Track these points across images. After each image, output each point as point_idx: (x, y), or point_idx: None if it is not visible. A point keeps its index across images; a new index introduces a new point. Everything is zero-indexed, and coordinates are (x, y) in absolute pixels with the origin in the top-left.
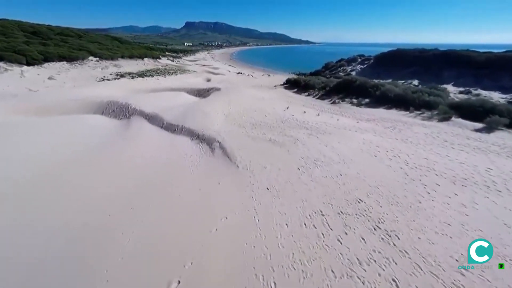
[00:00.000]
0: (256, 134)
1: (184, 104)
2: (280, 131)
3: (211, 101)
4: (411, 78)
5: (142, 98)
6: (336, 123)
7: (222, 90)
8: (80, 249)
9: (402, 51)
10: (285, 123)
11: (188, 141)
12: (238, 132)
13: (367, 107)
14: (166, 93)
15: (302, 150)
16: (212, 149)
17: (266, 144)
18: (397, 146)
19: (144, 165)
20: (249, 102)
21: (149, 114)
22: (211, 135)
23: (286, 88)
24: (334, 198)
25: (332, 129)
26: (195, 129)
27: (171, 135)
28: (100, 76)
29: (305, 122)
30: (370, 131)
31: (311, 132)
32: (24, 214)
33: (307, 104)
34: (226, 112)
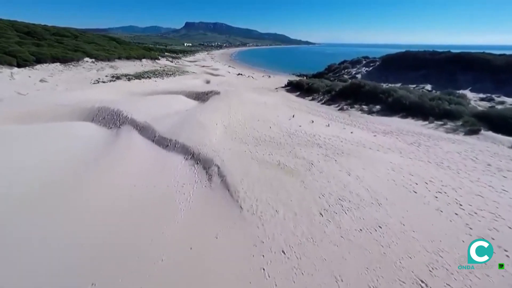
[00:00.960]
0: (261, 155)
1: (180, 111)
2: (289, 150)
3: (209, 108)
4: (423, 82)
5: (136, 104)
6: (351, 138)
7: (222, 94)
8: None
9: (411, 53)
10: (293, 137)
11: (182, 160)
12: (239, 151)
13: (380, 115)
14: (163, 97)
15: (320, 182)
16: (209, 176)
17: (274, 171)
18: (434, 173)
19: (120, 205)
20: (250, 109)
21: (141, 124)
22: (208, 154)
23: (288, 91)
24: (381, 276)
25: (349, 147)
26: (190, 145)
27: (163, 152)
28: (95, 78)
29: (316, 136)
30: (394, 149)
31: (327, 152)
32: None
33: (313, 111)
34: (226, 122)
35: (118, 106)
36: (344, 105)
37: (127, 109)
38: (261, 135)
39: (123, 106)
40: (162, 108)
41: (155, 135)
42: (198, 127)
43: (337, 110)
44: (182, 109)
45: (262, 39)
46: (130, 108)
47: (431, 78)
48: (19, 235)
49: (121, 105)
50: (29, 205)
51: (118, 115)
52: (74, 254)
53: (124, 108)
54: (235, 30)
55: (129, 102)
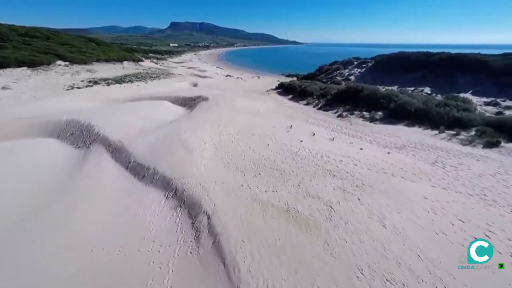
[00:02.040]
0: (263, 193)
1: (163, 125)
2: (297, 182)
3: (196, 120)
4: (421, 85)
5: (112, 115)
6: (364, 158)
7: (210, 100)
8: None
9: (405, 54)
10: (297, 160)
11: (161, 200)
12: (235, 186)
13: (383, 123)
14: (145, 104)
15: (350, 243)
16: (197, 232)
17: (285, 222)
18: (486, 214)
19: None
20: (243, 119)
21: (114, 144)
22: (194, 192)
23: (280, 94)
24: None
25: (368, 174)
26: (172, 176)
27: (138, 186)
28: (69, 83)
29: (323, 156)
30: (419, 174)
31: (343, 184)
32: None
33: (311, 119)
34: (216, 139)
35: (90, 118)
36: (343, 111)
37: (100, 123)
38: (259, 158)
39: (96, 119)
40: (142, 120)
41: (130, 160)
42: (183, 148)
43: (336, 117)
44: (166, 120)
45: (249, 39)
46: (103, 121)
47: (428, 81)
48: None
49: (93, 117)
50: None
51: (88, 131)
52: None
53: (97, 121)
54: (222, 30)
55: (104, 112)
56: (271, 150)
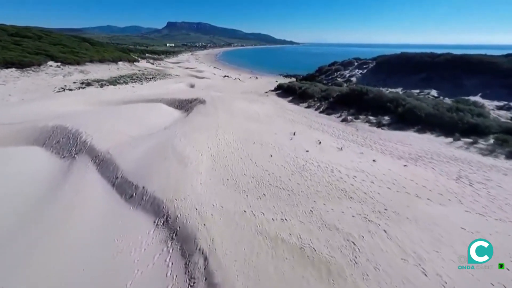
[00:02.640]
0: (271, 224)
1: (157, 131)
2: (309, 206)
3: (192, 126)
4: (426, 87)
5: (102, 120)
6: (379, 173)
7: (208, 103)
8: None
9: (408, 55)
10: (305, 176)
11: (150, 229)
12: (236, 213)
13: (391, 128)
14: (139, 107)
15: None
16: (191, 279)
17: (300, 270)
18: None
19: None
20: (242, 125)
21: (101, 155)
22: (189, 220)
23: (279, 96)
24: None
25: (389, 195)
26: (163, 198)
27: (123, 209)
28: (61, 85)
29: (334, 171)
30: (446, 194)
31: (363, 210)
32: None
33: (314, 124)
34: (214, 149)
35: (78, 124)
36: (347, 115)
37: (89, 130)
38: (263, 173)
39: (85, 125)
40: (134, 125)
41: (118, 175)
42: (177, 161)
43: (340, 121)
44: (160, 125)
45: (247, 39)
46: (93, 127)
47: (433, 83)
48: None
49: (82, 122)
50: None
51: (75, 139)
52: None
53: (86, 127)
54: (219, 30)
55: (95, 117)
56: (275, 162)
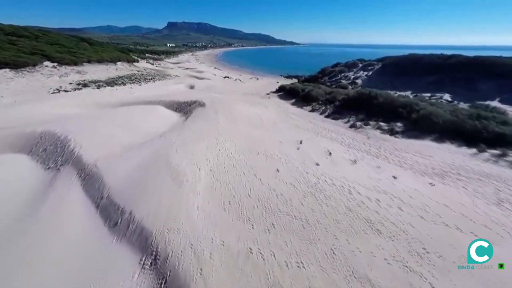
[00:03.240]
0: (285, 274)
1: (151, 139)
2: (329, 244)
3: (190, 134)
4: (438, 91)
5: (94, 125)
6: (404, 194)
7: (207, 107)
8: None
9: (416, 56)
10: (321, 199)
11: (134, 273)
12: (240, 255)
13: (406, 136)
14: (136, 110)
15: None
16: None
17: None
18: None
19: None
20: (244, 132)
21: (88, 168)
22: (182, 266)
23: (281, 98)
24: None
25: (424, 228)
26: (153, 229)
27: (105, 241)
28: (56, 86)
29: (353, 192)
30: (496, 227)
31: (398, 251)
32: None
33: (321, 130)
34: (213, 162)
35: (68, 130)
36: (355, 120)
37: (79, 136)
38: (270, 195)
39: (75, 131)
40: (129, 131)
41: (103, 195)
42: (172, 178)
43: (348, 127)
44: (157, 130)
45: (247, 39)
46: (83, 133)
47: (445, 86)
48: None
49: (73, 128)
50: None
51: (63, 147)
52: None
53: (75, 134)
54: (220, 30)
55: (87, 121)
56: (283, 179)
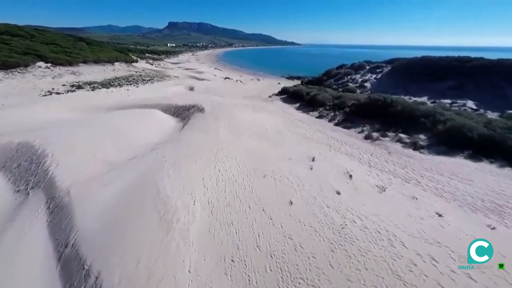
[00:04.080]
0: None
1: (142, 155)
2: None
3: (186, 151)
4: (458, 97)
5: (79, 135)
6: (460, 245)
7: (207, 113)
8: None
9: (431, 59)
10: (354, 258)
11: None
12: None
13: (432, 152)
14: (130, 115)
15: None
16: None
17: None
18: None
19: None
20: (248, 147)
21: (59, 197)
22: None
23: (285, 101)
24: None
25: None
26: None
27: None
28: (48, 88)
29: (395, 244)
30: None
31: None
32: None
33: (334, 143)
34: (212, 191)
35: (48, 142)
36: (370, 130)
37: (58, 151)
38: (285, 246)
39: (56, 142)
40: (117, 144)
41: (68, 241)
42: (158, 217)
43: (363, 138)
44: (150, 141)
45: (248, 39)
46: (64, 146)
47: (467, 92)
48: None
49: (53, 139)
50: None
51: (38, 164)
52: None
53: (55, 146)
54: (221, 31)
55: (71, 130)
56: (299, 218)
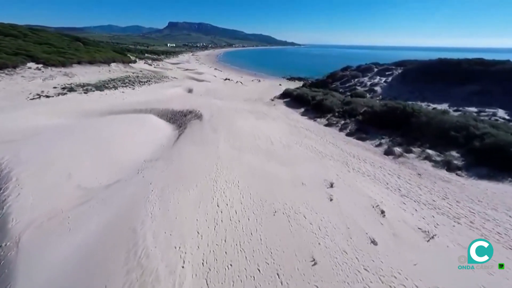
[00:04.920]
0: None
1: (124, 182)
2: None
3: (178, 174)
4: (486, 105)
5: (58, 148)
6: None
7: (205, 121)
8: None
9: (448, 61)
10: None
11: None
12: None
13: (472, 175)
14: (123, 121)
15: None
16: None
17: None
18: None
19: None
20: (252, 167)
21: (7, 243)
22: None
23: (289, 105)
24: None
25: None
26: None
27: None
28: (38, 90)
29: None
30: None
31: None
32: None
33: (351, 159)
34: (207, 240)
35: (18, 160)
36: (391, 144)
37: (26, 172)
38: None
39: (27, 159)
40: (99, 161)
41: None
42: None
43: (382, 153)
44: (137, 157)
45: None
46: (35, 165)
47: (495, 99)
48: None
49: (26, 156)
50: None
51: (1, 181)
52: None
53: (24, 167)
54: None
55: (50, 145)
56: None
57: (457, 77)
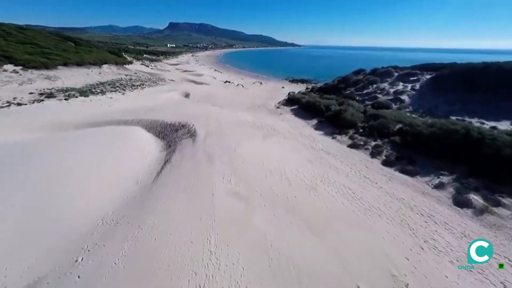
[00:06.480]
0: None
1: (80, 250)
2: None
3: (156, 251)
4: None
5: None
6: None
7: (199, 141)
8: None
9: (501, 66)
10: None
11: None
12: None
13: None
14: (102, 137)
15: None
16: None
17: None
18: None
19: None
20: (266, 244)
21: None
22: None
23: (298, 115)
24: None
25: None
26: None
27: None
28: (10, 97)
29: None
30: None
31: None
32: None
33: (412, 216)
34: None
35: None
36: (459, 186)
37: None
38: None
39: None
40: (52, 210)
41: None
42: None
43: (449, 200)
44: (97, 212)
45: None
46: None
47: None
48: None
49: None
50: None
51: None
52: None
53: None
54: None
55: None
56: None
57: (505, 85)
